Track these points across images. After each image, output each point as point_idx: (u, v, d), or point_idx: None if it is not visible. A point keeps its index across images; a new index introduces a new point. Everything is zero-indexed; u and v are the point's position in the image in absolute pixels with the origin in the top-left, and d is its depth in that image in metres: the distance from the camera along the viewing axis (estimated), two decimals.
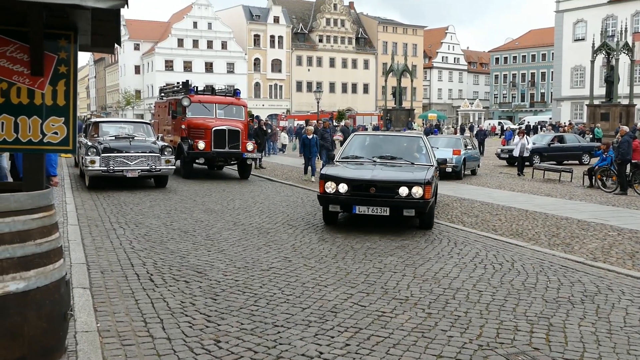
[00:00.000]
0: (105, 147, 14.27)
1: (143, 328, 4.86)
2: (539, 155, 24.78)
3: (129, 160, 14.35)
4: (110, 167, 14.04)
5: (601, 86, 46.70)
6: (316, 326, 4.99)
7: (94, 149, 14.15)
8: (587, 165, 23.91)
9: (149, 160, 14.50)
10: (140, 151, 14.53)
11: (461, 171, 19.58)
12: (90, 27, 3.81)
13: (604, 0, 62.86)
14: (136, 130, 16.26)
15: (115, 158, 14.18)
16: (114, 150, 14.30)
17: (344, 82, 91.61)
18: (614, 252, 8.53)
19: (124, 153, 14.34)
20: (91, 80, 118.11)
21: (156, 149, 14.78)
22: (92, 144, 14.70)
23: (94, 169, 14.01)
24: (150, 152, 14.60)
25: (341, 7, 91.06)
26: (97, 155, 14.02)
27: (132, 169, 14.31)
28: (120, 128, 16.39)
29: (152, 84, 77.80)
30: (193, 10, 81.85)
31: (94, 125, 16.57)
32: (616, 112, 40.63)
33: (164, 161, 14.66)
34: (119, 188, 14.58)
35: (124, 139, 15.12)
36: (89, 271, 6.56)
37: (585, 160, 26.62)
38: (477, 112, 79.89)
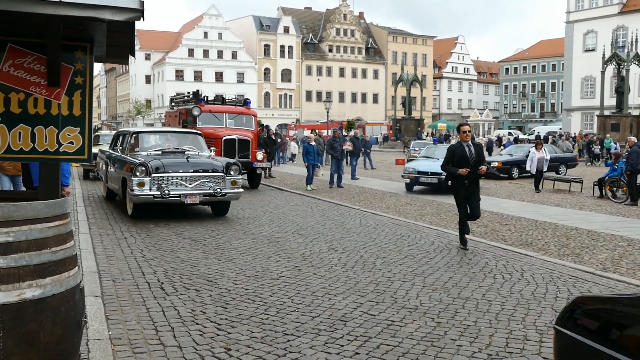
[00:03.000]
0: (157, 165, 11.00)
1: (154, 336, 4.90)
2: (517, 167, 23.96)
3: (188, 181, 11.09)
4: (164, 191, 10.76)
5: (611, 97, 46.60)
6: (326, 335, 5.02)
7: (143, 167, 10.79)
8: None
9: (212, 181, 11.30)
10: (201, 170, 11.34)
11: None
12: (106, 39, 3.89)
13: (614, 10, 62.77)
14: (182, 142, 12.97)
15: (170, 179, 10.98)
16: (168, 169, 11.07)
17: (354, 92, 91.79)
18: (624, 263, 8.50)
19: (181, 172, 11.09)
20: (102, 90, 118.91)
21: (220, 166, 11.58)
22: (136, 160, 11.30)
23: (144, 193, 10.72)
24: (212, 171, 11.41)
25: (351, 17, 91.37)
26: (146, 175, 10.76)
27: (191, 192, 11.02)
28: (166, 140, 13.03)
29: (163, 93, 78.31)
30: (204, 21, 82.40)
31: (134, 136, 12.83)
32: (627, 123, 40.50)
33: (229, 182, 11.52)
34: None
35: (175, 154, 12.04)
36: (100, 279, 6.62)
37: (562, 171, 25.46)
38: (486, 122, 79.76)
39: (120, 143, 13.40)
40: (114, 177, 12.66)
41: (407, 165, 20.11)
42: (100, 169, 14.98)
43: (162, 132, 13.96)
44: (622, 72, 41.28)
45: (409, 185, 18.62)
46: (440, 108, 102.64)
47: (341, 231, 10.51)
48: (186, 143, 12.87)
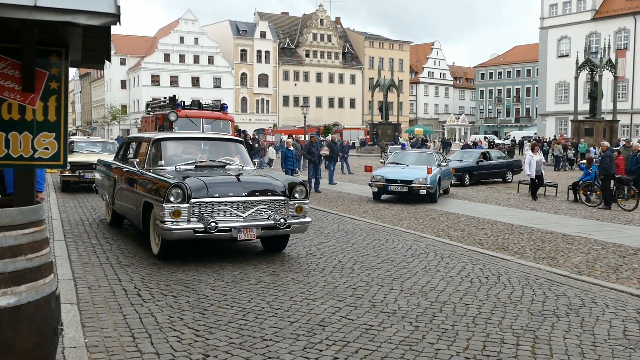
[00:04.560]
0: (198, 186, 7.81)
1: (131, 343, 4.86)
2: (468, 174, 23.17)
3: (240, 209, 7.93)
4: (209, 224, 7.51)
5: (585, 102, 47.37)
6: (304, 340, 5.02)
7: (179, 189, 7.60)
8: (510, 183, 24.12)
9: (271, 207, 8.17)
10: (258, 192, 8.13)
11: (436, 193, 16.71)
12: (81, 43, 3.85)
13: (587, 17, 63.88)
14: (218, 151, 9.81)
15: (217, 206, 7.82)
16: (214, 191, 7.85)
17: (331, 97, 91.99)
18: (598, 266, 8.63)
19: (232, 197, 7.89)
20: (77, 95, 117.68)
21: (280, 187, 8.35)
22: (166, 178, 8.07)
23: (181, 227, 7.53)
24: (272, 194, 8.23)
25: (328, 23, 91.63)
26: (183, 200, 7.58)
27: (246, 224, 7.83)
28: (198, 149, 9.93)
29: (139, 98, 77.68)
30: (180, 25, 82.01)
31: (156, 145, 9.34)
32: (600, 128, 41.16)
33: (293, 209, 8.35)
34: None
35: (214, 170, 9.01)
36: (76, 287, 6.54)
37: (509, 177, 25.31)
38: (463, 127, 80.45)
39: (133, 153, 10.06)
40: (128, 199, 9.32)
41: (374, 172, 17.90)
42: (102, 185, 11.38)
43: (194, 140, 10.43)
44: (595, 78, 41.96)
45: (376, 194, 17.25)
46: (417, 113, 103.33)
47: (319, 236, 10.52)
48: (223, 153, 9.73)
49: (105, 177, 11.19)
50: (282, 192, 8.28)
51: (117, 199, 10.03)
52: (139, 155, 9.61)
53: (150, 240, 8.40)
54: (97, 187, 12.11)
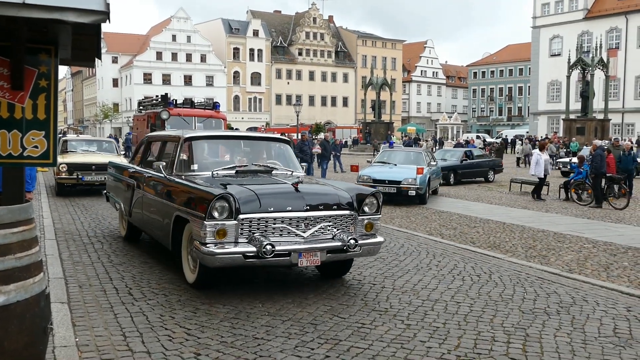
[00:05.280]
0: (248, 197, 6.14)
1: (122, 342, 4.84)
2: (453, 173, 22.89)
3: (299, 226, 6.27)
4: (264, 246, 5.80)
5: (577, 101, 47.55)
6: (296, 338, 5.01)
7: (225, 202, 5.94)
8: (492, 183, 24.12)
9: (337, 224, 6.50)
10: (321, 206, 6.43)
11: (425, 194, 16.07)
12: (71, 41, 3.83)
13: (579, 16, 64.15)
14: (259, 153, 8.29)
15: (271, 223, 6.14)
16: (268, 205, 6.17)
17: (324, 96, 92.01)
18: (589, 264, 8.67)
19: (289, 211, 6.22)
20: (68, 94, 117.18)
21: (346, 199, 6.65)
22: (204, 187, 6.46)
23: (227, 250, 5.90)
24: (337, 208, 6.53)
25: (320, 21, 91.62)
26: (230, 216, 5.96)
27: (308, 247, 6.17)
28: (237, 151, 8.24)
29: (131, 97, 77.47)
30: (172, 24, 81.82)
31: (186, 145, 7.62)
32: (591, 127, 41.36)
33: (362, 225, 6.69)
34: (96, 200, 14.43)
35: (258, 176, 7.43)
36: (67, 286, 6.51)
37: (490, 177, 25.22)
38: (455, 125, 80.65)
39: (157, 154, 8.50)
40: (151, 211, 7.78)
41: (361, 172, 16.79)
42: (116, 192, 9.76)
43: (232, 139, 8.63)
44: (587, 77, 42.16)
45: None
46: (409, 111, 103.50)
47: None
48: (265, 156, 8.21)
49: (119, 182, 9.48)
50: (349, 204, 6.56)
51: (136, 210, 8.38)
52: (164, 157, 7.98)
53: (183, 264, 6.77)
54: (108, 193, 10.34)
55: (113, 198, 9.96)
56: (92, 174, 15.62)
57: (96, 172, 15.49)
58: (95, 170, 15.55)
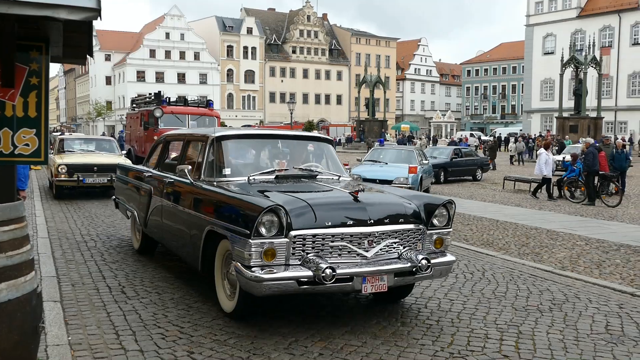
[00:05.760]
0: (301, 210, 5.07)
1: (115, 341, 4.82)
2: (443, 171, 22.85)
3: (362, 245, 5.19)
4: (323, 271, 4.75)
5: (570, 99, 47.72)
6: (289, 336, 5.01)
7: (274, 215, 4.89)
8: (479, 182, 24.11)
9: (404, 241, 5.46)
10: (386, 219, 5.37)
11: None
12: (62, 38, 3.81)
13: (572, 15, 64.33)
14: (299, 154, 7.12)
15: (328, 241, 5.08)
16: (324, 218, 5.09)
17: (317, 93, 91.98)
18: (582, 262, 8.70)
19: (350, 226, 5.15)
20: (61, 92, 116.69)
21: (412, 210, 5.60)
22: (248, 197, 5.31)
23: (278, 276, 4.84)
24: (404, 222, 5.49)
25: (314, 19, 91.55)
26: (280, 233, 4.91)
27: (373, 270, 5.11)
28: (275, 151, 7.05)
29: (124, 95, 77.26)
30: (165, 21, 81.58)
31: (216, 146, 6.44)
32: (584, 125, 41.50)
33: (431, 241, 5.66)
34: (90, 199, 14.38)
35: (306, 182, 6.31)
36: (59, 284, 6.49)
37: (479, 175, 24.90)
38: (449, 123, 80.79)
39: (179, 156, 7.31)
40: (174, 223, 6.67)
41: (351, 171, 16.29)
42: (128, 199, 8.66)
43: (269, 138, 7.27)
44: (580, 75, 42.28)
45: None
46: (403, 109, 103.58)
47: None
48: (306, 158, 7.14)
49: (132, 188, 8.38)
50: (417, 216, 5.53)
51: (154, 220, 7.34)
52: (189, 160, 6.96)
53: (217, 289, 5.70)
54: (117, 199, 9.27)
55: (124, 205, 8.80)
56: (93, 176, 14.53)
57: (98, 174, 14.51)
58: (97, 171, 14.53)
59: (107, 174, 14.20)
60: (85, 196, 14.99)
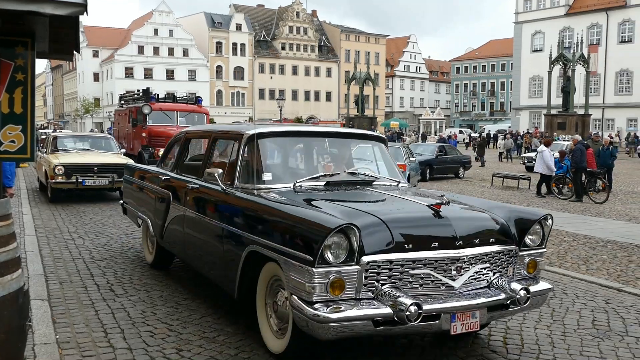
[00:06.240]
0: (372, 228, 4.01)
1: (104, 339, 4.80)
2: (429, 168, 22.89)
3: (449, 273, 4.17)
4: (408, 308, 3.73)
5: (558, 96, 47.92)
6: None
7: (343, 237, 3.84)
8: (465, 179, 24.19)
9: (495, 265, 4.42)
10: (476, 239, 4.31)
11: None
12: (49, 34, 3.78)
13: (561, 12, 64.63)
14: (341, 154, 6.05)
15: (408, 269, 4.05)
16: (402, 240, 4.04)
17: (307, 90, 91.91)
18: (569, 257, 8.76)
19: (435, 250, 4.13)
20: (48, 88, 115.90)
21: (502, 225, 4.58)
22: (310, 213, 4.19)
23: (350, 315, 3.80)
24: (493, 242, 4.42)
25: (304, 15, 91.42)
26: (349, 259, 3.88)
27: (464, 305, 4.08)
28: (320, 150, 5.95)
29: (112, 91, 76.83)
30: (154, 17, 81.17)
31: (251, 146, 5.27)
32: (572, 122, 41.69)
33: (523, 265, 4.65)
34: (78, 198, 14.26)
35: (362, 190, 5.23)
36: (47, 282, 6.44)
37: (461, 173, 24.99)
38: (438, 120, 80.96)
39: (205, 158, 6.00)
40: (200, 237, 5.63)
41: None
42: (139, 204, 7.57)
43: (313, 136, 6.08)
44: (568, 73, 42.45)
45: None
46: (392, 106, 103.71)
47: None
48: (355, 159, 6.15)
49: (144, 193, 7.33)
50: (508, 235, 4.55)
51: (173, 232, 6.30)
52: (217, 162, 5.83)
53: (260, 323, 4.69)
54: (125, 204, 8.15)
55: (134, 211, 7.67)
56: (93, 177, 13.30)
57: (99, 175, 13.32)
58: (98, 172, 13.35)
59: (109, 175, 13.25)
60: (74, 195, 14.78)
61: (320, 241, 3.75)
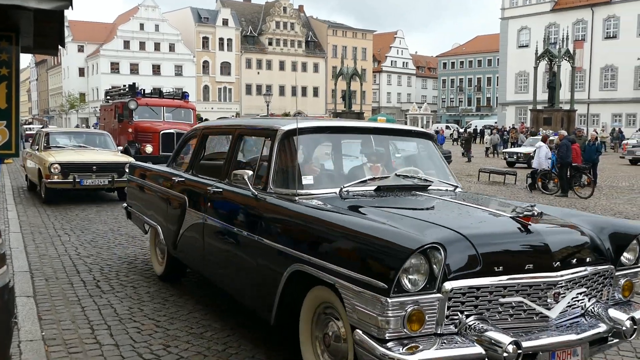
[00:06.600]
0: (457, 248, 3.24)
1: (90, 335, 4.78)
2: None
3: (543, 299, 3.44)
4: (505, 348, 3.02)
5: (544, 91, 48.19)
6: (265, 329, 5.00)
7: (423, 260, 3.11)
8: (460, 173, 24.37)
9: (589, 288, 3.70)
10: (573, 259, 3.59)
11: None
12: (33, 29, 3.74)
13: (546, 8, 64.98)
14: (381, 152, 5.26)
15: (497, 296, 3.32)
16: (490, 261, 3.29)
17: (294, 86, 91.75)
18: None
19: (528, 272, 3.39)
20: (32, 83, 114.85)
21: (597, 243, 3.82)
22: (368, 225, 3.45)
23: (434, 357, 3.03)
24: (590, 262, 3.67)
25: (291, 11, 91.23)
26: (430, 286, 3.14)
27: (565, 340, 3.38)
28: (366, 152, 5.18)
29: (98, 86, 76.26)
30: (139, 12, 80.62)
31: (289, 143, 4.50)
32: (558, 117, 41.98)
33: (618, 288, 3.89)
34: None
35: (418, 196, 4.48)
36: (32, 279, 6.40)
37: None
38: (425, 115, 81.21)
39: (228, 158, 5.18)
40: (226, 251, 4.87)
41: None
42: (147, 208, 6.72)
43: (359, 132, 5.28)
44: (553, 68, 42.72)
45: None
46: (379, 101, 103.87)
47: None
48: (404, 159, 5.45)
49: (153, 196, 6.49)
50: (601, 252, 3.82)
51: (190, 242, 5.49)
52: (244, 162, 5.21)
53: (304, 357, 3.93)
54: (130, 208, 7.30)
55: (140, 216, 6.86)
56: (92, 177, 12.43)
57: (97, 174, 12.47)
58: (97, 171, 12.48)
59: (108, 174, 12.44)
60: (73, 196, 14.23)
61: (398, 264, 3.02)
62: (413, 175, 4.76)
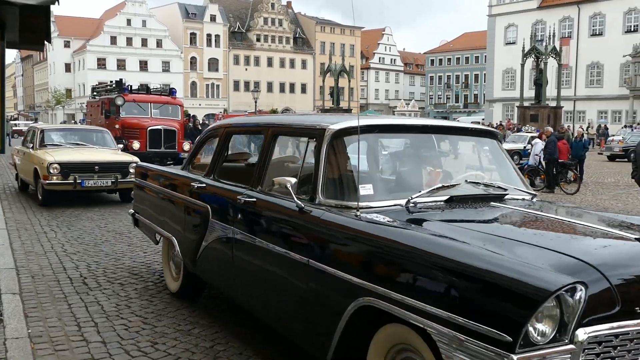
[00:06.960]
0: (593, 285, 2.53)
1: (77, 332, 4.75)
2: None
3: None
4: None
5: (531, 88, 48.42)
6: (253, 325, 5.00)
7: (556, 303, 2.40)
8: None
9: None
10: None
11: None
12: (19, 24, 3.71)
13: (533, 5, 65.31)
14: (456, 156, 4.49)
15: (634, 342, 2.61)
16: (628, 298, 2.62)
17: (282, 82, 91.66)
18: None
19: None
20: (18, 79, 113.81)
21: None
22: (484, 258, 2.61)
23: None
24: None
25: (279, 7, 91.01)
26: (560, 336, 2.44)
27: None
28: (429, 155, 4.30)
29: (84, 82, 75.73)
30: (126, 7, 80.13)
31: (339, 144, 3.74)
32: (545, 114, 42.21)
33: None
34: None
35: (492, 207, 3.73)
36: (18, 276, 6.35)
37: None
38: (413, 112, 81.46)
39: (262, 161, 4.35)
40: (266, 271, 4.00)
41: None
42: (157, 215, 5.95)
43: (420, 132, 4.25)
44: (540, 65, 42.90)
45: None
46: (367, 98, 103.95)
47: None
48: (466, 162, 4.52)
49: (167, 203, 5.65)
50: None
51: (215, 259, 4.78)
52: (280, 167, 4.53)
53: None
54: (137, 215, 6.48)
55: (151, 225, 6.04)
56: (94, 177, 11.58)
57: (100, 175, 11.61)
58: (99, 172, 11.63)
59: (111, 174, 11.62)
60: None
61: (528, 312, 2.34)
62: (487, 183, 4.04)
